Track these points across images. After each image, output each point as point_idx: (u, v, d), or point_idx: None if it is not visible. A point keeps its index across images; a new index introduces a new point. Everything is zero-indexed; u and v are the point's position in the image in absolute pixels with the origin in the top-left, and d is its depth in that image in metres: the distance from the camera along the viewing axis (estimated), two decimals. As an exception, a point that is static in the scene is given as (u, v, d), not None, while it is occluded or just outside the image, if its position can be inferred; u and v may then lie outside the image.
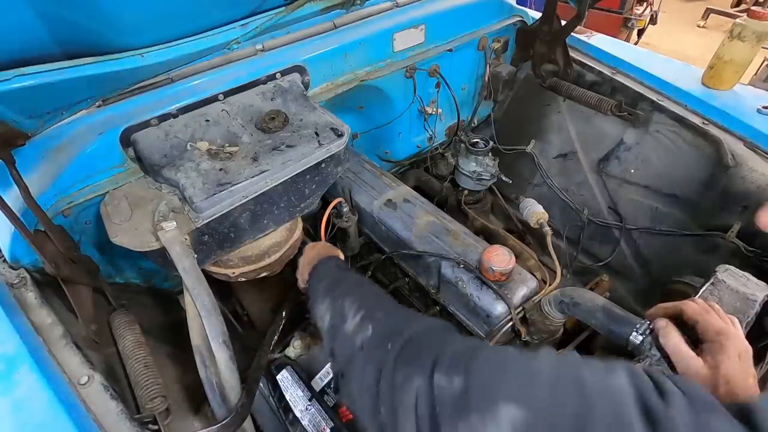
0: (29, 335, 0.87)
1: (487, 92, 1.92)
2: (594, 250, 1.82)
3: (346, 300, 0.83)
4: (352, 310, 0.79)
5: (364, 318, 0.76)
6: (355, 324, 0.76)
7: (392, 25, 1.44)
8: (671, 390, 0.41)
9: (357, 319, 0.77)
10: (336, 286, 0.90)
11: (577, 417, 0.41)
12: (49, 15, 0.79)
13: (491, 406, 0.45)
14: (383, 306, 0.80)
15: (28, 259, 1.00)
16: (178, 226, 0.93)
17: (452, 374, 0.52)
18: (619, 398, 0.41)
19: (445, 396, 0.51)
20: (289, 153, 1.04)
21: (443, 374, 0.53)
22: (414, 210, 1.28)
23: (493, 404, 0.45)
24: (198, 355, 0.91)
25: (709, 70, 1.49)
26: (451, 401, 0.50)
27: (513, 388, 0.47)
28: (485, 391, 0.48)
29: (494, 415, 0.45)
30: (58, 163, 1.00)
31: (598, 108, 1.64)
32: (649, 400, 0.40)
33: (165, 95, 1.11)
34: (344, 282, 0.92)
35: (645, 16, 4.54)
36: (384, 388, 0.60)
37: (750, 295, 1.01)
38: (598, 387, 0.43)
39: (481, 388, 0.49)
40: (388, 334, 0.68)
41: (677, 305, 0.78)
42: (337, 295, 0.87)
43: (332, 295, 0.88)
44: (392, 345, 0.65)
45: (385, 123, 1.71)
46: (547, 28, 1.67)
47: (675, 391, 0.41)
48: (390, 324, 0.72)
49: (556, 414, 0.42)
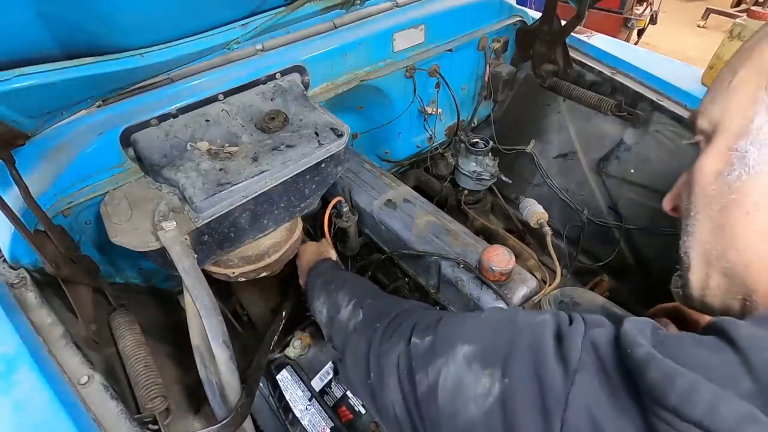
0: (29, 335, 0.87)
1: (487, 92, 1.92)
2: (594, 250, 1.82)
3: (340, 293, 0.96)
4: (345, 300, 0.93)
5: (356, 305, 0.89)
6: (348, 311, 0.89)
7: (392, 25, 1.44)
8: (576, 317, 0.52)
9: (350, 307, 0.90)
10: (331, 283, 1.03)
11: (508, 343, 0.53)
12: (50, 15, 0.79)
13: (451, 349, 0.58)
14: (372, 295, 0.94)
15: (28, 259, 1.00)
16: (178, 226, 0.93)
17: (424, 335, 0.65)
18: (540, 328, 0.52)
19: (419, 351, 0.64)
20: (289, 153, 1.04)
21: (418, 336, 0.67)
22: (414, 210, 1.28)
23: (452, 347, 0.58)
24: (198, 355, 0.91)
25: (709, 70, 1.49)
26: (423, 353, 0.63)
27: (466, 333, 0.59)
28: (447, 339, 0.60)
29: (453, 354, 0.57)
30: (58, 163, 1.00)
31: (598, 108, 1.64)
32: (562, 326, 0.51)
33: (165, 95, 1.11)
34: (338, 278, 1.04)
35: (645, 16, 4.54)
36: (372, 356, 0.73)
37: (750, 295, 1.00)
38: (526, 322, 0.55)
39: (444, 338, 0.62)
40: (377, 316, 0.81)
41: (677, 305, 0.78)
42: (332, 290, 0.99)
43: (327, 291, 1.01)
44: (380, 323, 0.77)
45: (385, 123, 1.71)
46: (547, 28, 1.67)
47: (578, 318, 0.51)
48: (378, 308, 0.85)
49: (494, 344, 0.54)
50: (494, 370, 0.51)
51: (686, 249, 0.57)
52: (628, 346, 0.42)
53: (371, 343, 0.75)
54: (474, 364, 0.54)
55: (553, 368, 0.46)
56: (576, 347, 0.46)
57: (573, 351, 0.46)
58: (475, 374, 0.53)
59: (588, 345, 0.46)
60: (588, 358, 0.45)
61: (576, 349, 0.46)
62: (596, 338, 0.47)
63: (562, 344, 0.48)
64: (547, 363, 0.47)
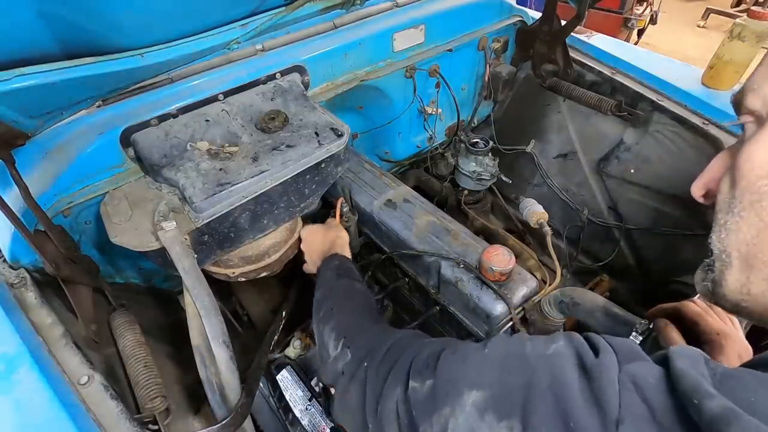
0: (29, 335, 0.87)
1: (487, 92, 1.92)
2: (594, 250, 1.82)
3: (326, 326, 0.87)
4: (332, 338, 0.84)
5: (344, 345, 0.81)
6: (336, 351, 0.81)
7: (392, 25, 1.44)
8: (603, 346, 0.44)
9: (338, 347, 0.81)
10: (321, 306, 0.94)
11: (524, 386, 0.45)
12: (50, 15, 0.79)
13: (457, 396, 0.50)
14: (360, 327, 0.84)
15: (28, 259, 1.00)
16: (178, 226, 0.93)
17: (424, 378, 0.58)
18: (557, 361, 0.45)
19: (419, 398, 0.56)
20: (289, 153, 1.04)
21: (416, 380, 0.59)
22: (414, 210, 1.28)
23: (458, 394, 0.50)
24: (198, 355, 0.91)
25: (709, 70, 1.49)
26: (423, 400, 0.55)
27: (471, 376, 0.51)
28: (449, 384, 0.53)
29: (460, 402, 0.49)
30: (58, 163, 1.00)
31: (598, 108, 1.64)
32: (585, 357, 0.44)
33: (165, 95, 1.11)
34: (329, 300, 0.95)
35: (645, 16, 4.54)
36: (369, 405, 0.65)
37: (750, 295, 1.00)
38: (538, 355, 0.47)
39: (446, 383, 0.54)
40: (365, 355, 0.73)
41: (677, 306, 0.78)
42: (321, 318, 0.91)
43: (318, 317, 0.92)
44: (369, 363, 0.70)
45: (385, 123, 1.71)
46: (547, 28, 1.67)
47: (604, 345, 0.44)
48: (366, 344, 0.77)
49: (506, 388, 0.47)
50: (512, 422, 0.44)
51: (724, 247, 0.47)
52: (694, 394, 0.35)
53: (365, 389, 0.68)
54: (487, 415, 0.46)
55: (585, 416, 0.39)
56: (612, 388, 0.39)
57: (609, 393, 0.39)
58: (489, 427, 0.45)
59: (628, 384, 0.39)
60: (632, 402, 0.37)
61: (613, 390, 0.39)
62: (638, 376, 0.39)
63: (591, 382, 0.41)
64: (575, 409, 0.40)
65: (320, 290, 0.99)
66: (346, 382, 0.74)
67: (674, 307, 0.79)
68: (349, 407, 0.71)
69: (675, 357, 0.39)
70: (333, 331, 0.85)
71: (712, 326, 0.72)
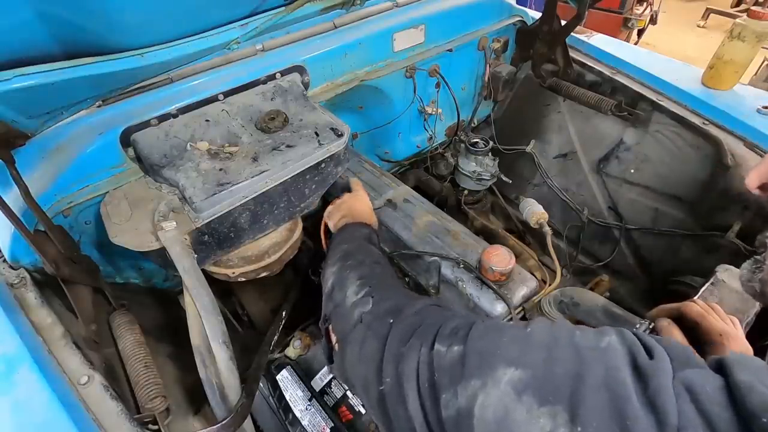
0: (29, 335, 0.87)
1: (487, 92, 1.92)
2: (594, 250, 1.82)
3: (353, 272, 0.83)
4: (356, 284, 0.80)
5: (366, 294, 0.77)
6: (357, 297, 0.77)
7: (392, 25, 1.44)
8: (656, 348, 0.43)
9: (360, 293, 0.77)
10: (350, 256, 0.90)
11: (574, 376, 0.43)
12: (49, 15, 0.79)
13: (489, 371, 0.48)
14: (387, 284, 0.81)
15: (28, 259, 1.00)
16: (178, 226, 0.93)
17: (452, 344, 0.54)
18: (611, 357, 0.43)
19: (444, 363, 0.53)
20: (289, 153, 1.04)
21: (443, 344, 0.55)
22: (414, 210, 1.28)
23: (491, 368, 0.48)
24: (198, 355, 0.91)
25: (709, 70, 1.49)
26: (450, 368, 0.52)
27: (511, 352, 0.48)
28: (483, 357, 0.50)
29: (494, 377, 0.47)
30: (58, 163, 1.00)
31: (598, 108, 1.64)
32: (638, 357, 0.42)
33: (165, 95, 1.11)
34: (360, 254, 0.90)
35: (645, 16, 4.54)
36: (388, 358, 0.62)
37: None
38: (590, 347, 0.45)
39: (479, 354, 0.51)
40: (391, 310, 0.70)
41: (678, 306, 0.78)
42: (348, 265, 0.87)
43: (342, 263, 0.88)
44: (394, 319, 0.67)
45: (385, 123, 1.71)
46: (547, 28, 1.67)
47: (659, 349, 0.43)
48: (393, 300, 0.73)
49: (553, 373, 0.44)
50: (556, 409, 0.42)
51: None
52: (763, 412, 0.33)
53: (386, 342, 0.64)
54: (525, 396, 0.44)
55: (642, 419, 0.37)
56: (667, 394, 0.37)
57: (665, 398, 0.37)
58: (528, 409, 0.43)
59: (683, 392, 0.37)
60: (690, 412, 0.36)
61: (668, 396, 0.37)
62: (694, 384, 0.38)
63: (646, 384, 0.39)
64: (632, 410, 0.38)
65: (351, 243, 0.95)
66: (364, 331, 0.69)
67: (675, 307, 0.79)
68: (364, 358, 0.66)
69: (736, 367, 0.37)
70: (359, 278, 0.81)
71: (713, 327, 0.72)
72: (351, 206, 1.10)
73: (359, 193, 1.18)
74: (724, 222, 1.38)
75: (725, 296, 1.01)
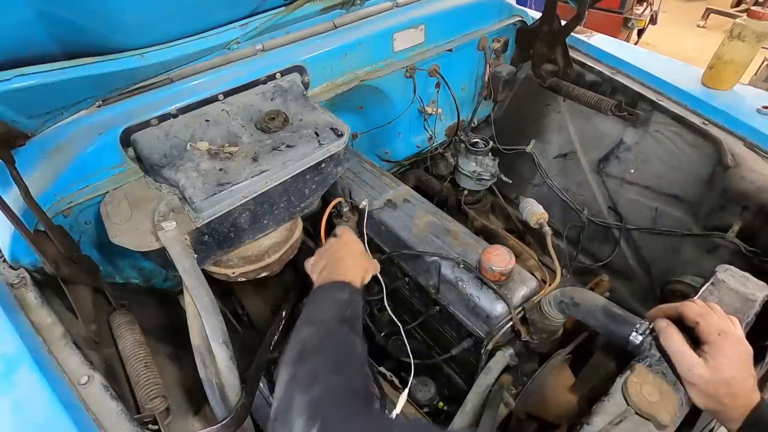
0: (29, 335, 0.87)
1: (487, 92, 1.92)
2: (594, 250, 1.82)
3: (302, 392, 0.65)
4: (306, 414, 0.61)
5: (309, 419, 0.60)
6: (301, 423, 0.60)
7: (392, 25, 1.44)
8: None
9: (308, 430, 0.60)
10: (309, 356, 0.71)
11: None
12: (49, 15, 0.79)
13: None
14: (348, 413, 0.62)
15: (28, 259, 1.00)
16: (178, 226, 0.93)
17: None
18: None
19: None
20: (289, 153, 1.04)
21: None
22: (414, 210, 1.28)
23: None
24: (198, 355, 0.91)
25: (709, 70, 1.49)
26: None
27: None
28: None
29: None
30: (58, 163, 1.00)
31: (598, 108, 1.64)
32: None
33: (165, 95, 1.11)
34: (321, 354, 0.72)
35: (645, 16, 4.55)
36: None
37: (750, 296, 1.00)
38: None
39: None
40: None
41: (677, 306, 0.78)
42: (300, 374, 0.68)
43: (297, 366, 0.70)
44: None
45: (385, 123, 1.71)
46: (547, 28, 1.67)
47: None
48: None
49: None
50: None
51: None
52: None
53: None
54: None
55: None
56: None
57: None
58: None
59: None
60: None
61: None
62: None
63: None
64: None
65: (318, 327, 0.76)
66: None
67: (675, 307, 0.79)
68: None
69: None
70: (309, 405, 0.62)
71: (713, 327, 0.72)
72: (333, 254, 0.95)
73: (345, 236, 1.03)
74: (724, 222, 1.38)
75: (725, 296, 1.01)
